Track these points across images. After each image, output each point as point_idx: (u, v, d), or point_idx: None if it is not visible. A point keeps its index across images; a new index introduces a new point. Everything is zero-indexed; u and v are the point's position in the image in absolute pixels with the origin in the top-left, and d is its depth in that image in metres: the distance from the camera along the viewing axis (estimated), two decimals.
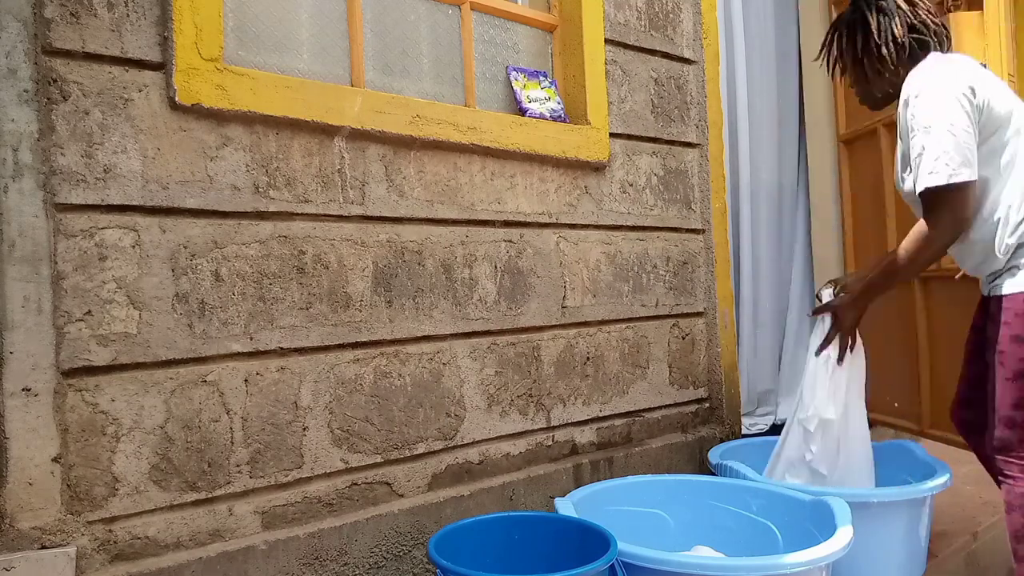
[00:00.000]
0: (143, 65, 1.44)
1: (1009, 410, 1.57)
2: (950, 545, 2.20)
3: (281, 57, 1.73)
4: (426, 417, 1.82)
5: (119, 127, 1.41)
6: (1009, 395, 1.56)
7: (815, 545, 1.46)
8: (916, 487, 1.85)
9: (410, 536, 1.74)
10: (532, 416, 2.04)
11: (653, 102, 2.40)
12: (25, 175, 1.30)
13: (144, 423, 1.42)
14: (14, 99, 1.30)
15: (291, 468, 1.60)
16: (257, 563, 1.51)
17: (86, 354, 1.36)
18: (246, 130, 1.56)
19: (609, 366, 2.23)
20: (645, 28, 2.38)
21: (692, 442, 2.39)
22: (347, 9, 1.84)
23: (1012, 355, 1.55)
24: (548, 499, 1.99)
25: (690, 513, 1.88)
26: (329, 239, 1.67)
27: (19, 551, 1.27)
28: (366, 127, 1.70)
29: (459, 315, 1.89)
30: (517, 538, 1.58)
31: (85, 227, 1.37)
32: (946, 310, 2.42)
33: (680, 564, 1.43)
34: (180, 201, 1.47)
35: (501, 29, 2.18)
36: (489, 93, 2.14)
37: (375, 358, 1.74)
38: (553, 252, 2.10)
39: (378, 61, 1.91)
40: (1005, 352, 1.56)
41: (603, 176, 2.23)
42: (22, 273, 1.29)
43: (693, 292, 2.48)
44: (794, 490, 1.78)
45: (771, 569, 1.39)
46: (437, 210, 1.86)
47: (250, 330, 1.55)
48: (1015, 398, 1.56)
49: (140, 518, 1.41)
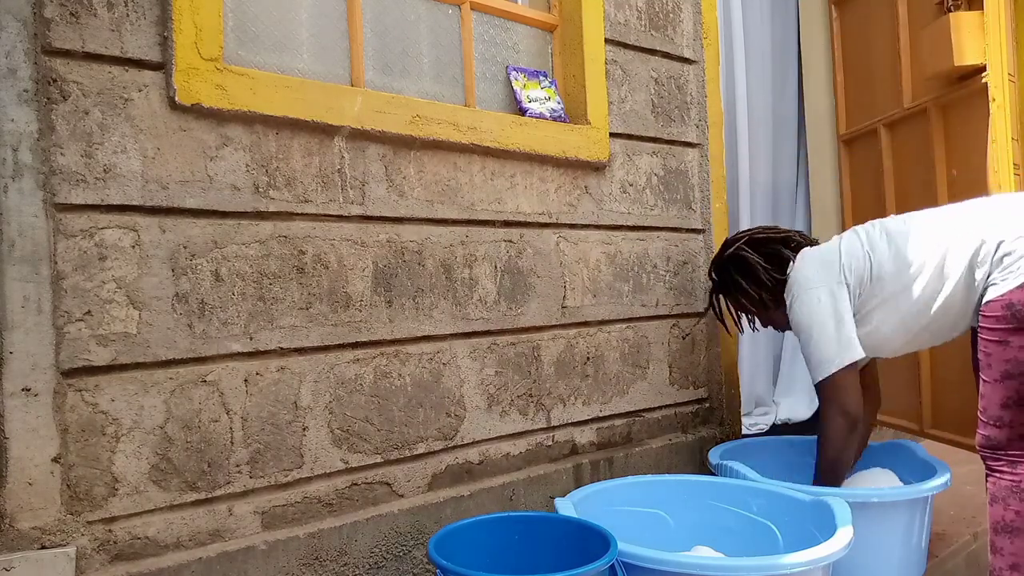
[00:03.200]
0: (143, 65, 1.44)
1: (998, 410, 1.65)
2: (950, 545, 2.20)
3: (281, 57, 1.73)
4: (426, 417, 1.82)
5: (119, 127, 1.41)
6: (998, 396, 1.65)
7: (815, 545, 1.46)
8: (916, 487, 1.85)
9: (410, 536, 1.74)
10: (532, 416, 2.03)
11: (653, 102, 2.40)
12: (25, 175, 1.30)
13: (144, 423, 1.42)
14: (14, 99, 1.30)
15: (291, 468, 1.60)
16: (257, 563, 1.51)
17: (86, 354, 1.36)
18: (246, 130, 1.56)
19: (609, 366, 2.23)
20: (645, 28, 2.38)
21: (692, 442, 2.39)
22: (347, 9, 1.84)
23: (997, 358, 1.64)
24: (548, 499, 1.99)
25: (690, 513, 1.88)
26: (329, 239, 1.67)
27: (19, 551, 1.27)
28: (366, 127, 1.70)
29: (459, 315, 1.89)
30: (517, 538, 1.58)
31: (85, 227, 1.37)
32: None
33: (680, 564, 1.43)
34: (180, 201, 1.47)
35: (501, 29, 2.18)
36: (489, 93, 2.14)
37: (375, 358, 1.74)
38: (553, 252, 2.10)
39: (378, 61, 1.90)
40: (991, 354, 1.66)
41: (603, 176, 2.23)
42: (22, 273, 1.29)
43: (693, 292, 2.48)
44: (794, 490, 1.78)
45: (771, 569, 1.39)
46: (437, 210, 1.86)
47: (250, 330, 1.55)
48: (1003, 398, 1.64)
49: (140, 518, 1.41)
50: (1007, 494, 1.64)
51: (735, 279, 2.06)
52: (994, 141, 2.17)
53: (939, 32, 2.25)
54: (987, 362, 1.67)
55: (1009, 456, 1.64)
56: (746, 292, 2.03)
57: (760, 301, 2.03)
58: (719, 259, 2.12)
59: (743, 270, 2.04)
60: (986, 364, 1.67)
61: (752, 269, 2.01)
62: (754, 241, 2.06)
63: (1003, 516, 1.64)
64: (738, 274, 2.05)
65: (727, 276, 2.09)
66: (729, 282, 2.09)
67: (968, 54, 2.20)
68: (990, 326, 1.65)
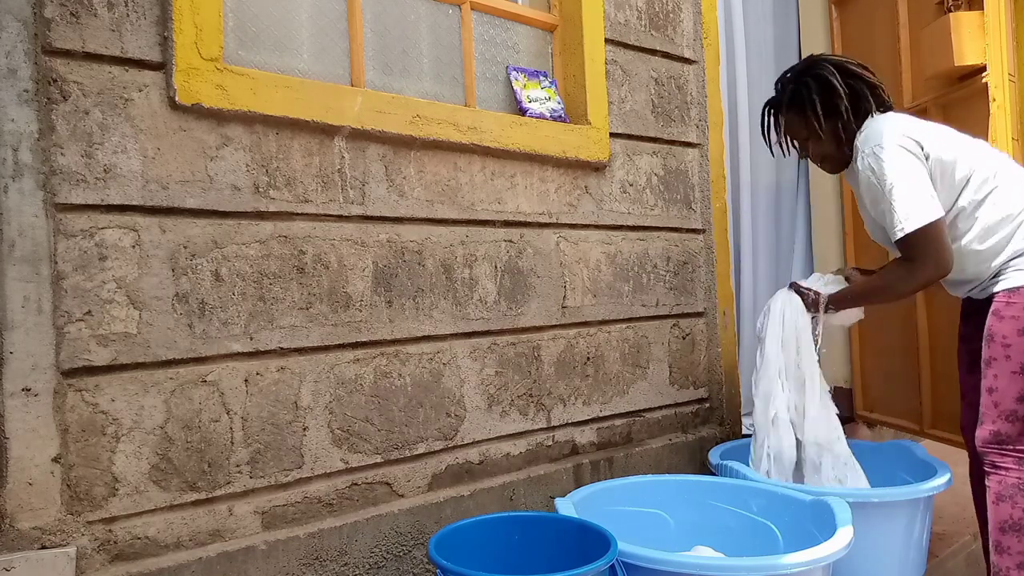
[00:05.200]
0: (143, 65, 1.44)
1: (1013, 403, 1.61)
2: (950, 545, 2.21)
3: (281, 57, 1.73)
4: (426, 417, 1.82)
5: (119, 127, 1.41)
6: (1015, 387, 1.61)
7: (815, 545, 1.46)
8: (916, 487, 1.85)
9: (410, 536, 1.74)
10: (532, 416, 2.03)
11: (653, 102, 2.40)
12: (25, 175, 1.30)
13: (144, 423, 1.42)
14: (14, 99, 1.30)
15: (291, 468, 1.60)
16: (257, 563, 1.51)
17: (86, 354, 1.36)
18: (246, 130, 1.56)
19: (609, 366, 2.23)
20: (645, 28, 2.38)
21: (692, 442, 2.39)
22: (347, 9, 1.84)
23: (1019, 348, 1.60)
24: (548, 499, 1.99)
25: (690, 513, 1.88)
26: (329, 239, 1.67)
27: (19, 551, 1.27)
28: (366, 127, 1.70)
29: (459, 315, 1.89)
30: (517, 538, 1.58)
31: (85, 227, 1.37)
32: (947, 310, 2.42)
33: (680, 564, 1.43)
34: (180, 201, 1.47)
35: (501, 29, 2.18)
36: (489, 93, 2.14)
37: (375, 358, 1.74)
38: (553, 252, 2.10)
39: (378, 61, 1.90)
40: (1012, 345, 1.61)
41: (603, 176, 2.23)
42: (22, 273, 1.29)
43: (693, 292, 2.48)
44: (794, 490, 1.78)
45: (771, 569, 1.39)
46: (437, 210, 1.86)
47: (250, 330, 1.55)
48: (1021, 390, 1.60)
49: (140, 518, 1.41)
50: (1015, 492, 1.61)
51: (812, 97, 1.85)
52: (994, 141, 2.17)
53: (939, 32, 2.26)
54: (1005, 353, 1.62)
55: (1018, 452, 1.61)
56: (816, 114, 1.84)
57: (823, 130, 1.85)
58: (797, 71, 1.92)
59: (824, 90, 1.84)
60: (1003, 356, 1.62)
61: (834, 92, 1.82)
62: (844, 69, 1.86)
63: (1011, 515, 1.61)
64: (816, 92, 1.85)
65: (801, 90, 1.87)
66: (801, 97, 1.87)
67: (968, 54, 2.20)
68: (1016, 313, 1.60)
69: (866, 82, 1.86)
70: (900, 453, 2.16)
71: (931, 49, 2.30)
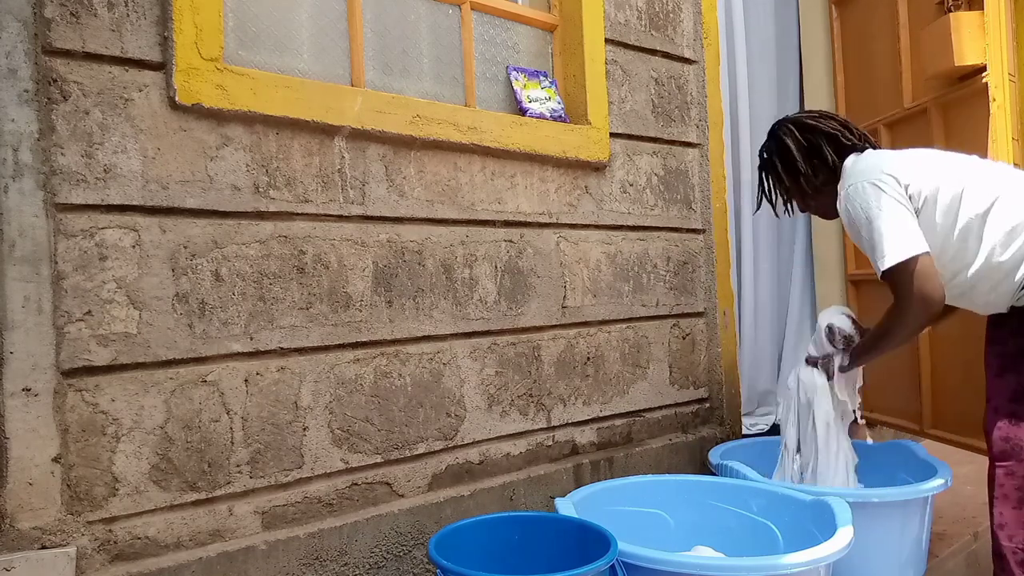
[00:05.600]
0: (143, 65, 1.44)
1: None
2: (950, 545, 2.20)
3: (281, 57, 1.73)
4: (426, 417, 1.82)
5: (119, 127, 1.41)
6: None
7: (815, 545, 1.46)
8: (916, 487, 1.85)
9: (410, 536, 1.74)
10: (532, 416, 2.03)
11: (653, 102, 2.40)
12: (25, 175, 1.30)
13: (144, 423, 1.42)
14: (14, 99, 1.30)
15: (291, 468, 1.60)
16: (257, 563, 1.51)
17: (86, 354, 1.36)
18: (246, 130, 1.56)
19: (609, 366, 2.23)
20: (645, 28, 2.38)
21: (692, 442, 2.39)
22: (347, 9, 1.84)
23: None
24: (548, 499, 1.99)
25: (690, 513, 1.88)
26: (329, 239, 1.67)
27: (19, 551, 1.27)
28: (366, 127, 1.70)
29: (459, 315, 1.89)
30: (517, 538, 1.58)
31: (85, 227, 1.37)
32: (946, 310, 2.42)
33: (680, 564, 1.43)
34: (180, 201, 1.47)
35: (501, 29, 2.18)
36: (489, 93, 2.14)
37: (375, 358, 1.74)
38: (553, 252, 2.10)
39: (378, 61, 1.90)
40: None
41: (603, 176, 2.23)
42: (22, 273, 1.29)
43: (693, 292, 2.48)
44: (794, 490, 1.78)
45: (771, 569, 1.39)
46: (437, 210, 1.86)
47: (250, 330, 1.55)
48: None
49: (140, 518, 1.41)
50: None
51: (772, 160, 1.96)
52: (994, 141, 2.17)
53: (939, 32, 2.25)
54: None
55: None
56: (779, 175, 1.95)
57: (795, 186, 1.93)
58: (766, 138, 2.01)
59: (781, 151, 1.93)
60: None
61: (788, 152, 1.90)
62: (802, 125, 1.93)
63: None
64: (776, 155, 1.94)
65: (765, 156, 1.99)
66: (769, 163, 1.98)
67: (968, 54, 2.19)
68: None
69: (823, 132, 1.90)
70: (900, 453, 2.16)
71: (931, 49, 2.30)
